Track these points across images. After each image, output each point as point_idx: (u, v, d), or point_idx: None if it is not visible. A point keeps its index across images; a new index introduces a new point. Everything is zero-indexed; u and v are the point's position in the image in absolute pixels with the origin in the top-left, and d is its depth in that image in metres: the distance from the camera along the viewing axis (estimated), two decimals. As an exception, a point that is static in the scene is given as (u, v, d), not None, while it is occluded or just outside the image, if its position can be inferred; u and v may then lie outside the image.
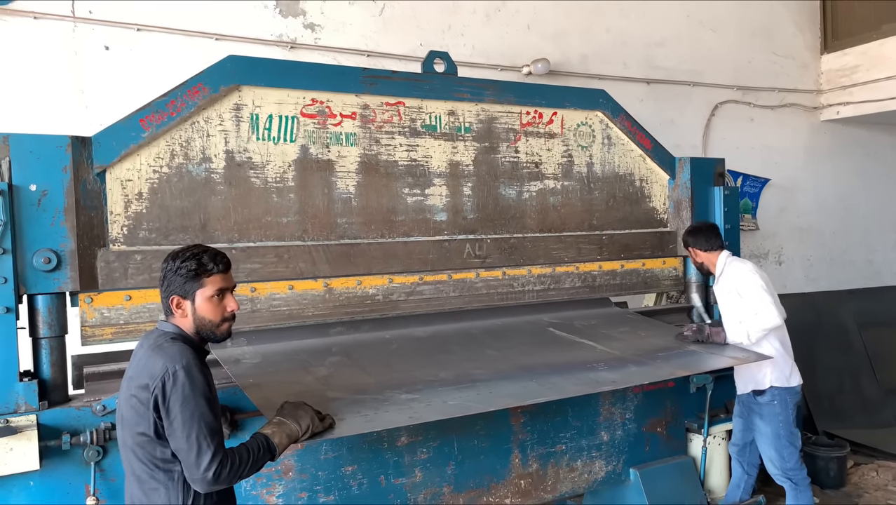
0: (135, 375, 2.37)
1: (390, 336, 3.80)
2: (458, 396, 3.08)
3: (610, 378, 3.40)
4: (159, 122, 3.27)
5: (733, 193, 4.92)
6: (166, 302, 2.47)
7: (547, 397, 3.21)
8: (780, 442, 4.09)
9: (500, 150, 4.18)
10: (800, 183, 7.75)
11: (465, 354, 3.64)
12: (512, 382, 3.30)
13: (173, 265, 2.45)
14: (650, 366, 3.61)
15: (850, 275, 7.99)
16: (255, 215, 3.52)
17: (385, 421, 2.81)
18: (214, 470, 2.26)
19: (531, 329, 4.11)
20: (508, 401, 3.17)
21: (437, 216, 3.98)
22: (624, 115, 4.57)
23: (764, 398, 4.10)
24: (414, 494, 3.62)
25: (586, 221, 4.49)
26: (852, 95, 7.57)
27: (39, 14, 4.57)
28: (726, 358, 3.86)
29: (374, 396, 3.02)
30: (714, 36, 7.14)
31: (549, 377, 3.36)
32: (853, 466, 5.93)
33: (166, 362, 2.30)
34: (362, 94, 3.75)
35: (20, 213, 2.93)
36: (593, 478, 4.16)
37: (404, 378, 3.26)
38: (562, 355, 3.72)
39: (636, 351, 3.81)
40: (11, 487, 2.83)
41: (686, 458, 4.47)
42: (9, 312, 2.86)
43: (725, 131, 7.19)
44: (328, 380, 3.19)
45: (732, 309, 4.10)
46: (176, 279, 2.44)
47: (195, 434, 2.26)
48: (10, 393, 2.87)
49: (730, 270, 4.17)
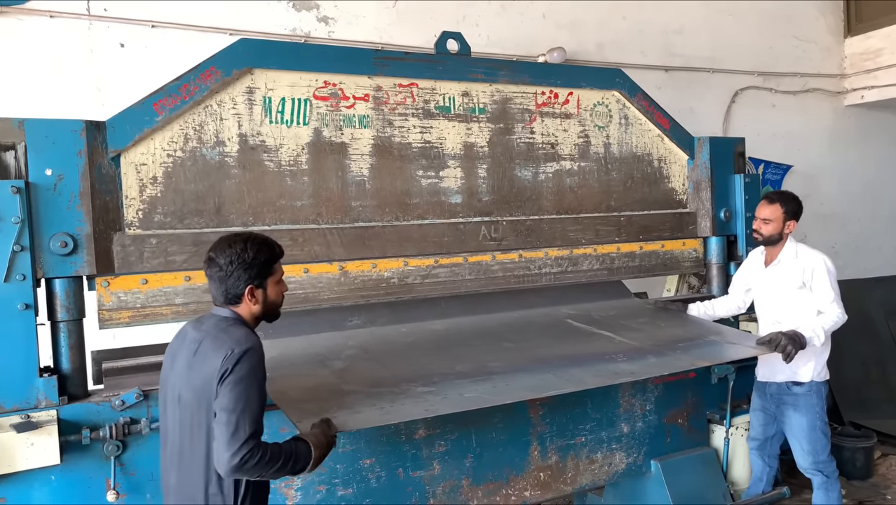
0: (198, 359, 2.38)
1: (406, 329, 3.77)
2: (474, 388, 3.04)
3: (629, 369, 3.33)
4: (172, 106, 3.28)
5: (754, 181, 4.83)
6: (236, 291, 2.46)
7: (564, 389, 3.16)
8: (816, 434, 3.94)
9: (516, 131, 4.14)
10: (823, 169, 7.61)
11: (483, 347, 3.60)
12: (529, 374, 3.25)
13: (246, 255, 2.44)
14: (669, 357, 3.53)
15: (877, 262, 7.82)
16: (269, 199, 3.51)
17: (400, 414, 2.79)
18: (243, 456, 2.21)
19: (549, 321, 4.05)
20: (525, 393, 3.12)
21: (451, 198, 3.95)
22: (641, 94, 4.51)
23: (801, 389, 3.94)
24: (432, 486, 3.58)
25: (604, 203, 4.44)
26: (877, 79, 7.43)
27: (56, 13, 4.63)
28: (748, 348, 3.74)
29: (391, 388, 3.00)
30: (733, 21, 7.05)
31: (568, 369, 3.31)
32: (880, 456, 5.80)
33: (238, 341, 2.33)
34: (375, 76, 3.73)
35: (37, 197, 2.94)
36: (614, 470, 4.09)
37: (421, 371, 3.23)
38: (580, 347, 3.66)
39: (655, 341, 3.73)
40: (33, 481, 2.84)
41: (708, 449, 4.38)
42: (28, 308, 2.87)
43: (746, 118, 7.09)
44: (344, 373, 3.17)
45: (795, 301, 3.89)
46: (251, 269, 2.45)
47: (237, 414, 2.24)
48: (31, 388, 2.88)
49: (804, 258, 3.93)
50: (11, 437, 2.73)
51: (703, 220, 4.73)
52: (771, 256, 4.07)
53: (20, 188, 2.86)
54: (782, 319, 3.91)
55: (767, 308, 4.07)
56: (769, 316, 4.04)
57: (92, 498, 2.93)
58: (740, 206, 4.74)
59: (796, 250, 3.98)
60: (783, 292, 3.96)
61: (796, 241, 4.07)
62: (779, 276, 4.00)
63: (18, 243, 2.86)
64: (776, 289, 4.00)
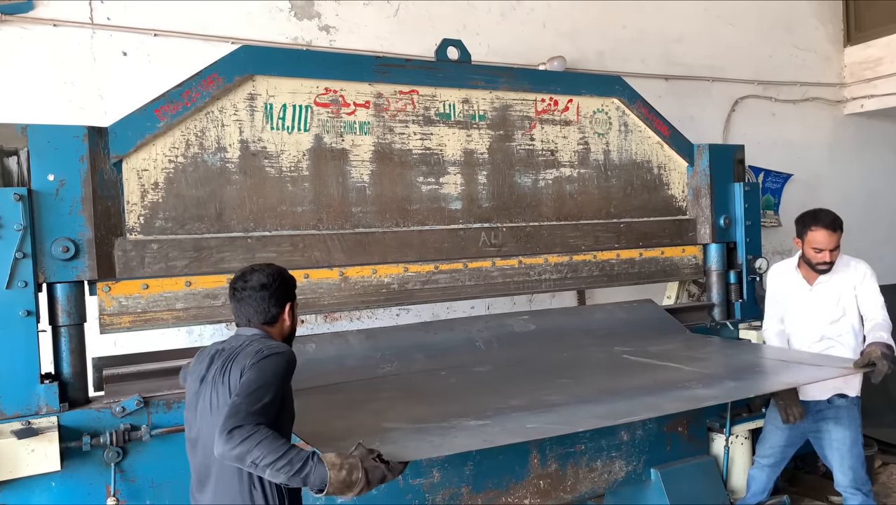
0: (232, 364, 2.36)
1: (446, 373, 3.61)
2: (535, 420, 2.78)
3: (710, 394, 3.15)
4: (174, 112, 3.30)
5: (754, 189, 4.85)
6: (278, 308, 2.54)
7: (641, 416, 3.09)
8: (858, 449, 3.81)
9: (516, 137, 4.16)
10: (823, 178, 7.61)
11: (536, 384, 3.37)
12: (596, 404, 3.00)
13: (284, 275, 2.59)
14: (749, 381, 3.43)
15: (878, 271, 7.65)
16: (270, 204, 3.53)
17: (455, 445, 2.54)
18: (232, 428, 2.08)
19: (603, 357, 3.91)
20: (596, 421, 2.89)
21: (451, 205, 3.96)
22: (641, 101, 4.53)
23: (845, 402, 3.79)
24: (432, 494, 3.57)
25: (603, 209, 4.45)
26: (876, 88, 7.44)
27: (59, 21, 4.65)
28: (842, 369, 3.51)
29: (439, 424, 2.73)
30: (733, 30, 7.07)
31: (639, 397, 3.09)
32: (881, 465, 5.77)
33: (273, 347, 2.37)
34: (375, 83, 3.76)
35: (39, 203, 2.96)
36: (613, 478, 4.07)
37: (471, 407, 2.96)
38: (646, 378, 3.45)
39: (729, 369, 3.62)
40: (34, 487, 2.85)
41: (708, 457, 4.37)
42: (30, 314, 2.89)
43: (746, 127, 7.10)
44: (383, 412, 2.94)
45: (844, 312, 3.79)
46: (287, 289, 2.58)
47: (243, 397, 2.18)
48: (32, 395, 2.89)
49: (853, 264, 3.84)
50: (12, 443, 2.73)
51: (702, 227, 4.74)
52: (812, 274, 3.87)
53: (23, 196, 2.88)
54: (831, 334, 3.82)
55: (814, 324, 3.88)
56: (816, 331, 3.88)
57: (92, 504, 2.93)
58: (740, 213, 4.75)
59: (846, 260, 3.88)
60: (833, 307, 3.82)
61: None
62: (827, 290, 3.83)
63: (21, 250, 2.87)
64: (824, 304, 3.84)
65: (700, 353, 4.01)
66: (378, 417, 2.84)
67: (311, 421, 2.77)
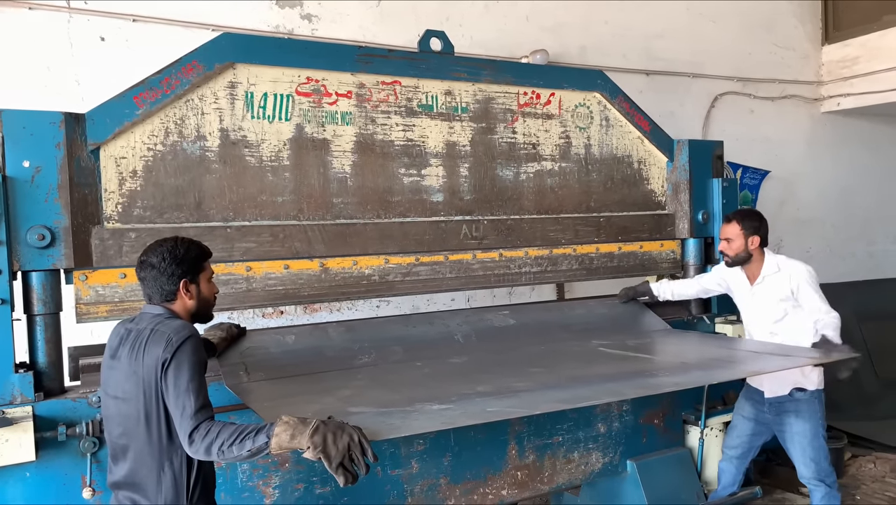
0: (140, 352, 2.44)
1: (422, 364, 3.62)
2: (497, 403, 2.84)
3: (673, 381, 3.22)
4: (153, 99, 3.26)
5: (732, 185, 4.90)
6: (171, 286, 2.57)
7: (600, 400, 3.09)
8: (818, 441, 3.90)
9: (498, 130, 4.16)
10: (800, 175, 7.72)
11: (507, 373, 3.39)
12: (560, 390, 3.07)
13: (177, 251, 2.58)
14: (716, 369, 3.49)
15: (850, 267, 7.94)
16: (250, 194, 3.50)
17: (413, 427, 2.59)
18: (192, 429, 2.30)
19: (579, 350, 3.93)
20: (555, 404, 2.95)
21: (433, 197, 3.96)
22: (622, 96, 4.55)
23: (804, 395, 3.89)
24: (410, 485, 3.59)
25: (584, 203, 4.46)
26: (853, 87, 7.55)
27: (35, 4, 4.56)
28: (810, 358, 3.62)
29: (402, 408, 2.78)
30: (714, 27, 7.13)
31: (605, 384, 3.14)
32: (851, 457, 5.90)
33: (177, 330, 2.44)
34: (358, 73, 3.73)
35: (14, 190, 2.91)
36: (590, 469, 4.12)
37: (437, 393, 3.01)
38: (616, 367, 3.52)
39: (700, 360, 3.67)
40: (8, 478, 2.82)
41: (683, 449, 4.43)
42: (4, 303, 2.85)
43: (725, 123, 7.17)
44: (351, 399, 2.96)
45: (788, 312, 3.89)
46: (184, 264, 2.58)
47: (183, 396, 2.34)
48: (6, 384, 2.85)
49: (786, 269, 3.91)
50: (-14, 433, 2.69)
51: (681, 222, 4.78)
52: (753, 273, 4.03)
53: None
54: (778, 331, 3.92)
55: (760, 322, 4.02)
56: (763, 329, 4.00)
57: (68, 495, 2.91)
58: (718, 208, 4.79)
59: (777, 263, 3.96)
60: (774, 306, 3.94)
61: (774, 252, 4.06)
62: (767, 291, 3.96)
63: None
64: (767, 304, 3.97)
65: (675, 346, 4.08)
66: (345, 403, 2.89)
67: (281, 404, 2.86)
